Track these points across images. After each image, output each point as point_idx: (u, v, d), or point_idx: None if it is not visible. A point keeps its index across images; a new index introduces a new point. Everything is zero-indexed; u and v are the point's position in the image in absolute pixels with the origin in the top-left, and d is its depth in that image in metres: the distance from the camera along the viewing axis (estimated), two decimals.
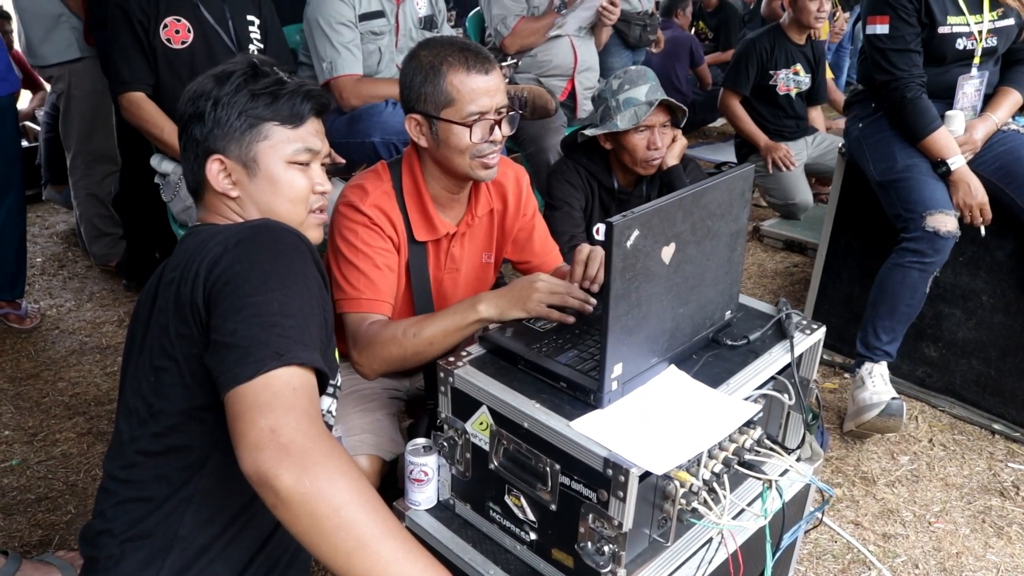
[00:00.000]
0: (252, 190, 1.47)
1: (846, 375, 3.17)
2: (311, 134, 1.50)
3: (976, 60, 2.74)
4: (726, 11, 7.42)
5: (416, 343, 1.74)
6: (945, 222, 2.60)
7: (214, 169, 1.45)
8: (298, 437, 1.10)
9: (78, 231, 3.97)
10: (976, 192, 2.66)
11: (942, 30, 2.69)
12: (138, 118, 2.76)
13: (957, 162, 2.67)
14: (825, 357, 3.27)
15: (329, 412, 1.54)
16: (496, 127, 1.86)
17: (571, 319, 1.69)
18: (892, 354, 2.78)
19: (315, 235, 1.55)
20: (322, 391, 1.26)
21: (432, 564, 1.13)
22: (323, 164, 1.56)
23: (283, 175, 1.47)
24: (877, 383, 2.74)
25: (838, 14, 6.27)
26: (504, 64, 3.61)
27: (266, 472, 1.07)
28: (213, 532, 1.33)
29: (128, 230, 3.71)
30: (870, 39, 2.77)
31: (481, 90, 1.82)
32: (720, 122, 6.84)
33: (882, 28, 2.73)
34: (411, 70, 1.87)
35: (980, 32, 2.71)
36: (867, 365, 2.78)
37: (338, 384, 1.56)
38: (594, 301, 1.74)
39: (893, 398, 2.68)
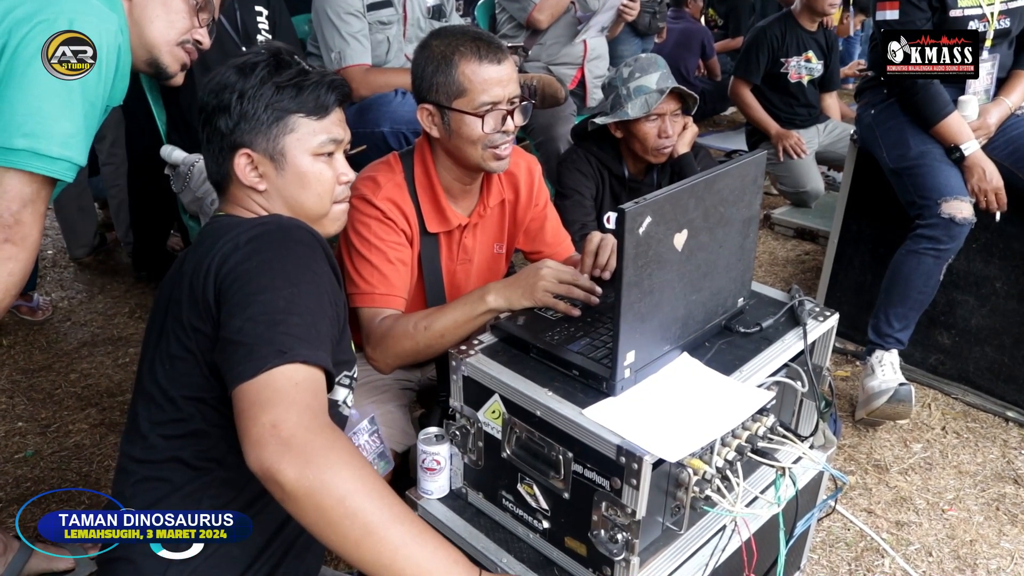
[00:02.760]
0: (280, 184, 1.47)
1: (858, 363, 3.16)
2: (335, 124, 1.51)
3: (988, 43, 2.72)
4: None
5: (428, 336, 1.74)
6: (961, 208, 2.58)
7: (242, 163, 1.45)
8: (299, 431, 1.10)
9: (115, 221, 3.94)
10: (991, 177, 2.64)
11: (954, 13, 2.67)
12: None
13: (971, 147, 2.64)
14: (837, 345, 3.25)
15: (345, 403, 1.54)
16: (508, 117, 1.85)
17: (577, 311, 1.68)
18: (904, 342, 2.76)
19: (336, 226, 1.59)
20: (332, 386, 1.26)
21: (442, 545, 1.15)
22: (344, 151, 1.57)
23: (310, 168, 1.48)
24: (886, 371, 2.72)
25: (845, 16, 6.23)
26: (511, 46, 3.60)
27: (269, 468, 1.09)
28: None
29: (138, 221, 3.71)
30: (880, 25, 2.75)
31: (493, 80, 1.81)
32: (731, 110, 6.82)
33: (892, 14, 2.71)
34: (423, 60, 1.86)
35: (992, 14, 2.68)
36: (878, 353, 2.77)
37: (354, 375, 1.56)
38: (599, 291, 1.73)
39: (901, 384, 2.66)
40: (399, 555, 1.10)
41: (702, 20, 7.22)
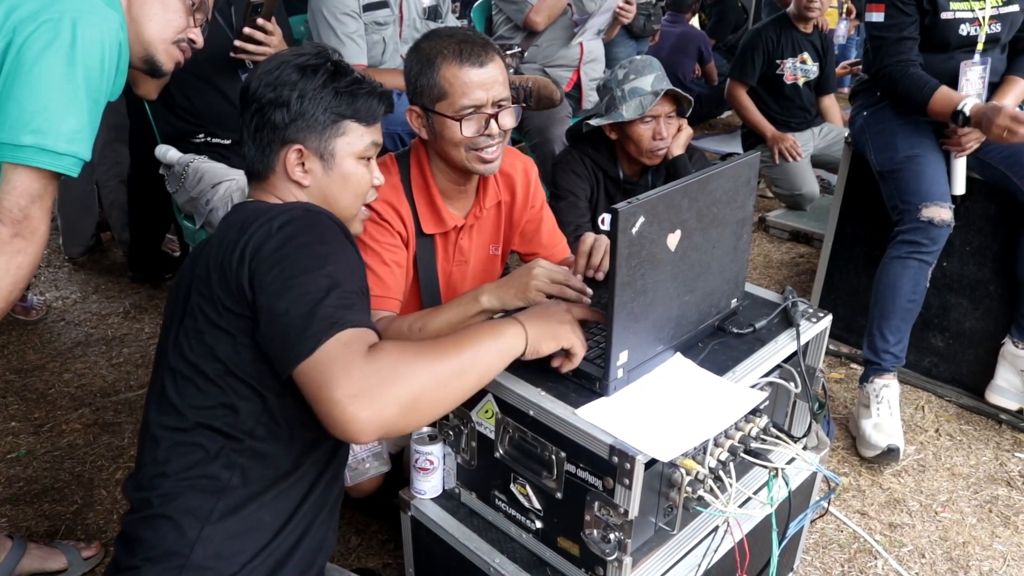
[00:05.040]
0: (324, 181, 1.55)
1: (853, 365, 3.17)
2: (378, 131, 1.60)
3: (979, 47, 2.72)
4: (725, 4, 7.41)
5: (422, 337, 1.75)
6: (940, 213, 2.58)
7: (292, 159, 1.52)
8: (367, 386, 1.19)
9: (110, 220, 3.93)
10: (1005, 111, 2.49)
11: (945, 16, 2.67)
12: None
13: (968, 103, 2.57)
14: (831, 347, 3.26)
15: None
16: (492, 121, 1.84)
17: None
18: (900, 357, 2.72)
19: (360, 227, 1.67)
20: None
21: (486, 329, 1.37)
22: None
23: (354, 170, 1.56)
24: (883, 413, 2.66)
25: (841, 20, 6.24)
26: (510, 53, 3.60)
27: (374, 431, 1.19)
28: (264, 484, 1.40)
29: (133, 221, 3.70)
30: (868, 27, 2.77)
31: (475, 83, 1.80)
32: (726, 113, 6.83)
33: (877, 16, 2.72)
34: (411, 62, 1.86)
35: (983, 18, 2.68)
36: (875, 382, 2.71)
37: None
38: (591, 291, 1.73)
39: (890, 447, 2.58)
40: (480, 364, 1.32)
41: (694, 22, 7.23)
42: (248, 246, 1.33)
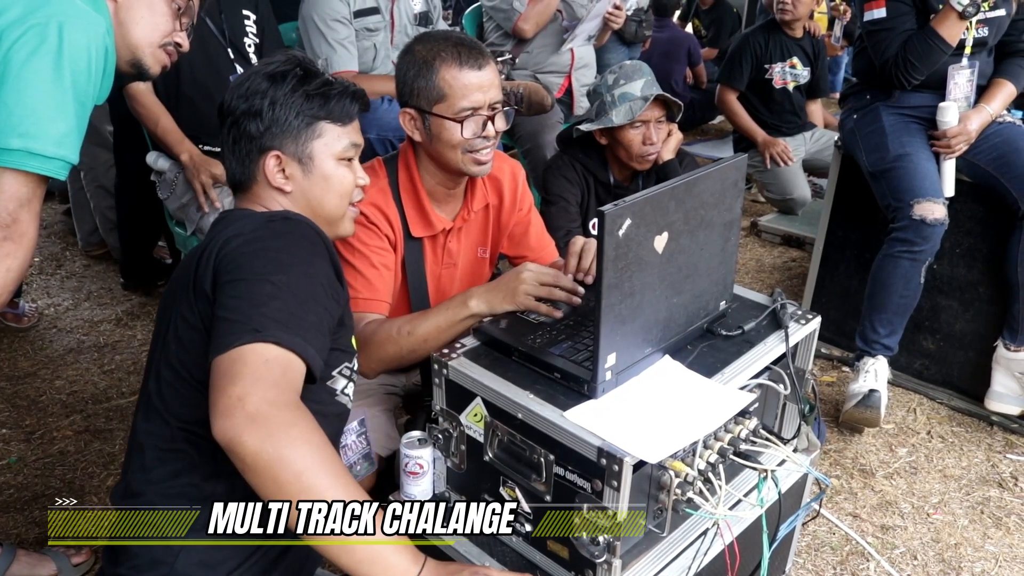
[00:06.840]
0: (306, 185, 1.55)
1: (844, 368, 3.17)
2: (355, 130, 1.60)
3: (967, 50, 2.74)
4: (720, 9, 7.44)
5: (411, 341, 1.75)
6: (932, 210, 2.59)
7: (271, 165, 1.52)
8: (263, 405, 1.14)
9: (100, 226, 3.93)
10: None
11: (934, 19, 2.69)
12: (137, 107, 2.75)
13: None
14: (823, 350, 3.27)
15: (344, 392, 1.55)
16: (489, 123, 1.85)
17: (559, 313, 1.69)
18: (892, 347, 2.76)
19: (351, 227, 1.66)
20: (311, 380, 1.29)
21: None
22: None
23: (335, 171, 1.56)
24: (868, 377, 2.72)
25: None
26: (501, 60, 3.61)
27: (232, 438, 1.13)
28: (248, 492, 1.34)
29: (124, 228, 3.69)
30: (867, 25, 2.77)
31: (474, 85, 1.81)
32: (718, 119, 6.84)
33: (879, 12, 2.74)
34: (406, 64, 1.87)
35: (971, 22, 2.70)
36: (865, 359, 2.77)
37: (354, 367, 1.57)
38: (582, 291, 1.73)
39: (872, 390, 2.67)
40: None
41: (688, 29, 7.27)
42: (218, 246, 1.34)
